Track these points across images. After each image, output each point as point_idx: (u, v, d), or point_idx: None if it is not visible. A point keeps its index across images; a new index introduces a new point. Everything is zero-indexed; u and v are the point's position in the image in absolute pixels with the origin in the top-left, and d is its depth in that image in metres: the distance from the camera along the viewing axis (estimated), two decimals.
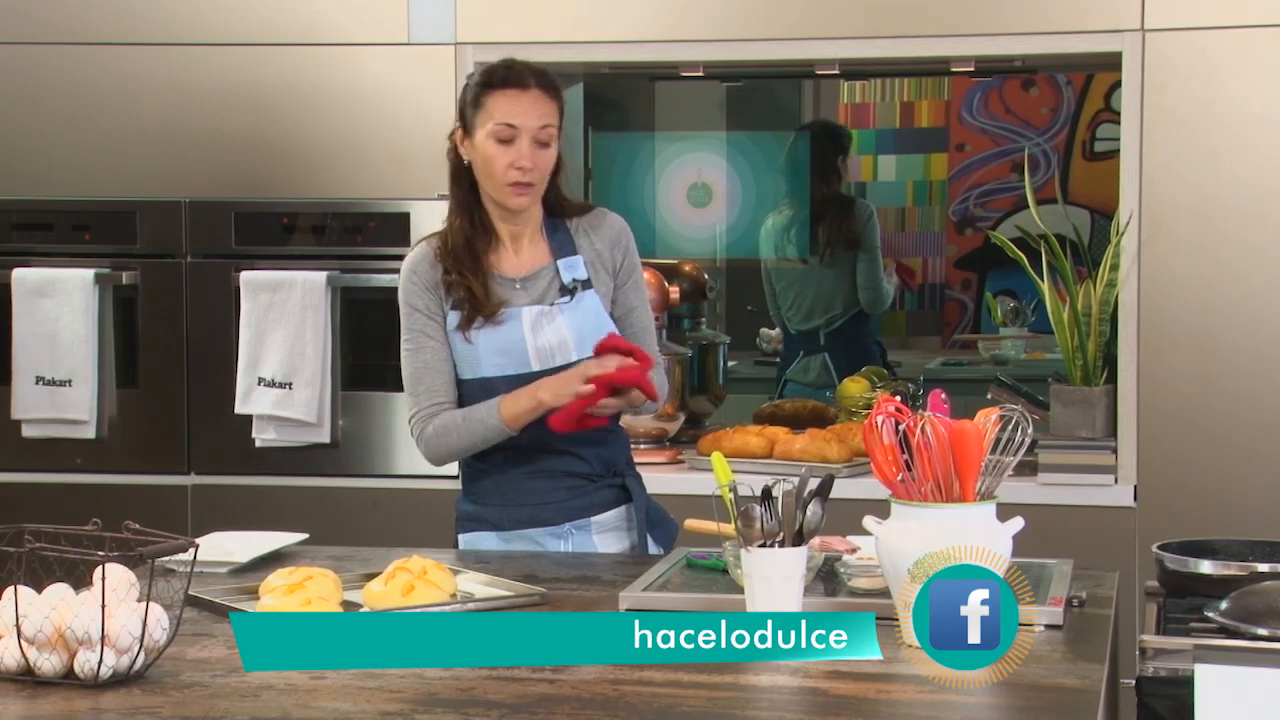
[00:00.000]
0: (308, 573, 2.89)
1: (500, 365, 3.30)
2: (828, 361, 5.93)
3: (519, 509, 3.36)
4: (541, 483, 3.35)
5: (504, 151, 3.26)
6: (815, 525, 2.62)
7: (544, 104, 3.28)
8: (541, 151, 3.27)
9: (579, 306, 3.32)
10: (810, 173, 6.04)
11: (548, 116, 3.28)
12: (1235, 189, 4.23)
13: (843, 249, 5.92)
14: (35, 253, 4.73)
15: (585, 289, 3.34)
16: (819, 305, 5.99)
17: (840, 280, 5.96)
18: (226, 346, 4.63)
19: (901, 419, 2.61)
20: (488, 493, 3.39)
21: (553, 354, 3.30)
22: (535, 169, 3.26)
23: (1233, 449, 4.25)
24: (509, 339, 3.29)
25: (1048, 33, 4.34)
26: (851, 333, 6.01)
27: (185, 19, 4.66)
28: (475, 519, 3.41)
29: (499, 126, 3.26)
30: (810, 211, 5.99)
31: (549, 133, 3.27)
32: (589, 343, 3.30)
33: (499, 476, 3.37)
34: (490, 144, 3.27)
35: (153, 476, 4.68)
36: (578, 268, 3.35)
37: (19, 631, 2.41)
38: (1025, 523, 2.64)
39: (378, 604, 2.84)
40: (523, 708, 2.30)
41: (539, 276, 3.35)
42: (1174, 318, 4.27)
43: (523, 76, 3.28)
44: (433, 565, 2.93)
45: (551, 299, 3.33)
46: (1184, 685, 2.48)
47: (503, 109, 3.26)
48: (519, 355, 3.29)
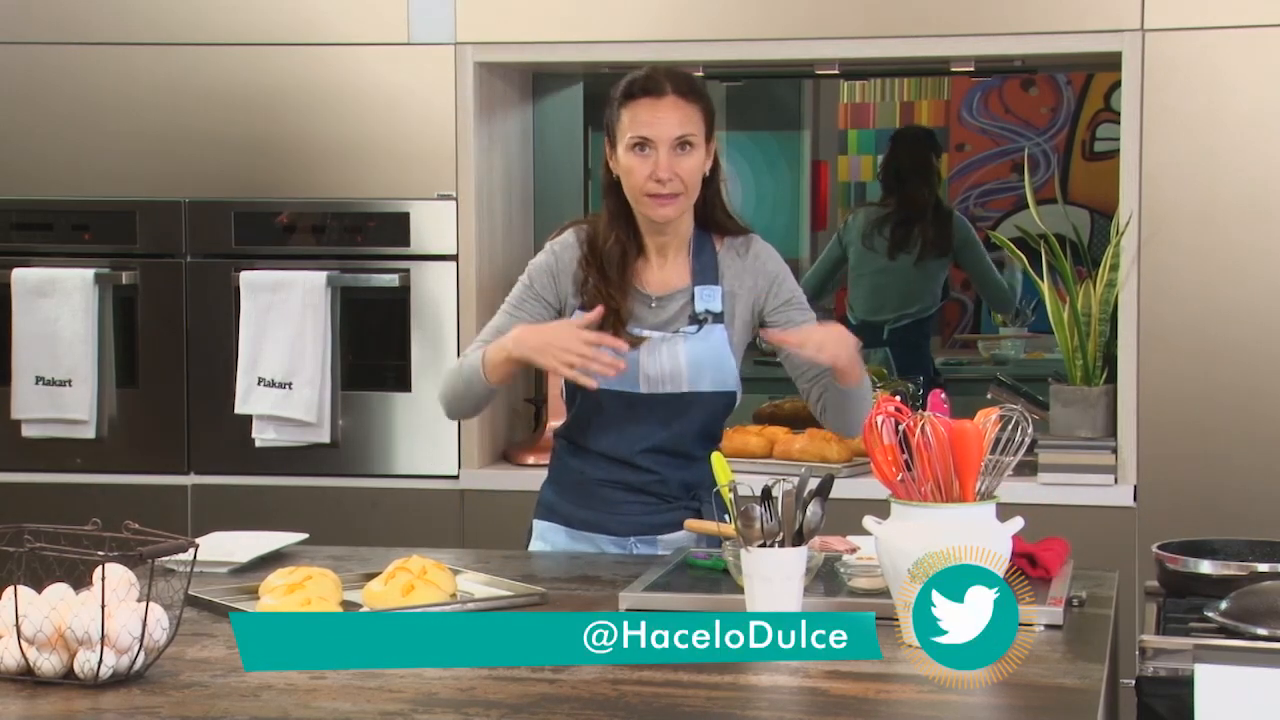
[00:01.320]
0: (307, 573, 2.89)
1: (611, 381, 3.21)
2: (889, 356, 5.93)
3: (589, 512, 3.35)
4: (618, 493, 3.33)
5: (641, 162, 3.19)
6: (815, 525, 2.62)
7: (681, 110, 3.19)
8: (682, 159, 3.19)
9: (704, 339, 3.27)
10: (905, 174, 6.01)
11: (686, 125, 3.19)
12: (1235, 189, 4.23)
13: (933, 254, 5.92)
14: (35, 253, 4.73)
15: (715, 322, 3.28)
16: (892, 301, 5.98)
17: (922, 282, 5.96)
18: (226, 346, 4.63)
19: (901, 419, 2.61)
20: (567, 488, 3.38)
21: (663, 381, 3.26)
22: (675, 178, 3.19)
23: (1233, 449, 4.25)
24: (625, 357, 3.21)
25: (1048, 33, 4.34)
26: (916, 333, 6.04)
27: (185, 19, 4.66)
28: (551, 509, 3.40)
29: (634, 139, 3.20)
30: (909, 212, 5.94)
31: (688, 140, 3.19)
32: (705, 376, 3.26)
33: (580, 477, 3.35)
34: (629, 156, 3.21)
35: (153, 476, 4.68)
36: (714, 299, 3.28)
37: (19, 631, 2.41)
38: (1025, 523, 2.64)
39: (378, 604, 2.84)
40: (523, 708, 2.30)
41: (674, 299, 3.29)
42: (1174, 318, 4.27)
43: (658, 84, 3.20)
44: (433, 565, 2.93)
45: (679, 325, 3.27)
46: (1184, 685, 2.48)
47: (637, 120, 3.20)
48: (629, 375, 3.23)
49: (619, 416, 3.28)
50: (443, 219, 4.56)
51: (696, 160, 3.21)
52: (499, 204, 4.74)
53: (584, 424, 3.34)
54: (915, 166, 5.99)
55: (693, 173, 3.22)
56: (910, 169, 5.98)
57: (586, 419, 3.33)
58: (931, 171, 6.05)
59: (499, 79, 4.72)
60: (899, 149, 6.11)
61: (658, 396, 3.26)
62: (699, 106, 3.23)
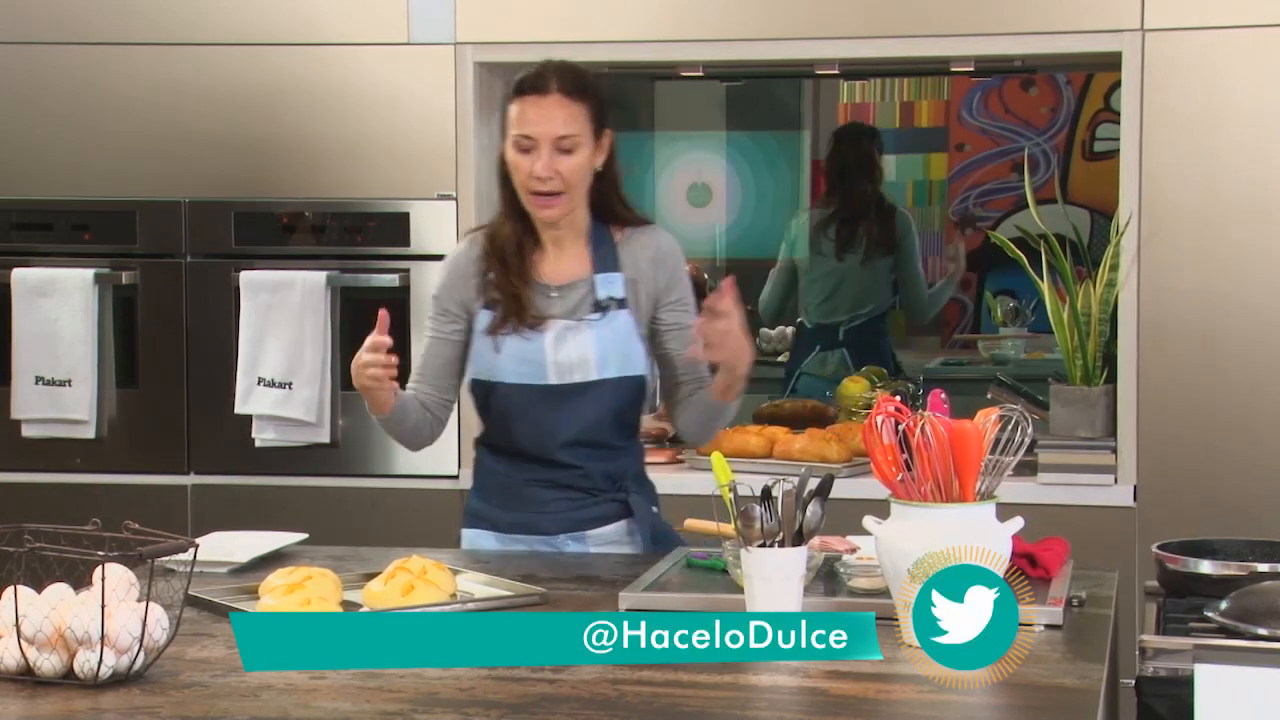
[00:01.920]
0: (307, 573, 2.89)
1: (519, 374, 3.29)
2: (847, 357, 5.96)
3: (517, 514, 3.36)
4: (543, 492, 3.34)
5: (524, 160, 3.23)
6: (815, 525, 2.62)
7: (565, 110, 3.21)
8: (563, 159, 3.21)
9: (608, 325, 3.29)
10: (848, 171, 6.03)
11: (570, 124, 3.21)
12: (1235, 189, 4.23)
13: (880, 252, 5.94)
14: (35, 253, 4.73)
15: (619, 308, 3.30)
16: (845, 302, 6.01)
17: (871, 281, 5.98)
18: (226, 346, 4.63)
19: (901, 419, 2.61)
20: (493, 493, 3.40)
21: (571, 370, 3.28)
22: (555, 177, 3.22)
23: (1233, 449, 4.25)
24: (530, 349, 3.27)
25: (1047, 33, 4.34)
26: (871, 331, 6.06)
27: (185, 19, 4.66)
28: (478, 516, 3.42)
29: (517, 136, 3.23)
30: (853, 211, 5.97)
31: (572, 141, 3.21)
32: (612, 363, 3.28)
33: (505, 480, 3.37)
34: (514, 153, 3.25)
35: (153, 476, 4.68)
36: (615, 286, 3.31)
37: (19, 631, 2.41)
38: (1025, 523, 2.64)
39: (378, 604, 2.84)
40: (523, 708, 2.30)
41: (575, 288, 3.31)
42: (1174, 317, 4.27)
43: (545, 81, 3.23)
44: (433, 565, 2.93)
45: (583, 313, 3.29)
46: (1184, 685, 2.48)
47: (523, 117, 3.23)
48: (538, 367, 3.28)
49: (533, 411, 3.30)
50: (443, 219, 4.56)
51: (580, 159, 3.23)
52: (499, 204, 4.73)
53: (500, 424, 3.35)
54: (858, 163, 6.02)
55: (575, 172, 3.23)
56: (854, 166, 6.01)
57: (502, 419, 3.34)
58: (874, 168, 6.07)
59: (499, 79, 4.71)
60: (842, 146, 6.13)
61: (568, 386, 3.28)
62: (585, 105, 3.23)
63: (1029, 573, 2.79)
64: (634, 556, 3.29)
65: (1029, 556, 2.88)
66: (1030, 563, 2.87)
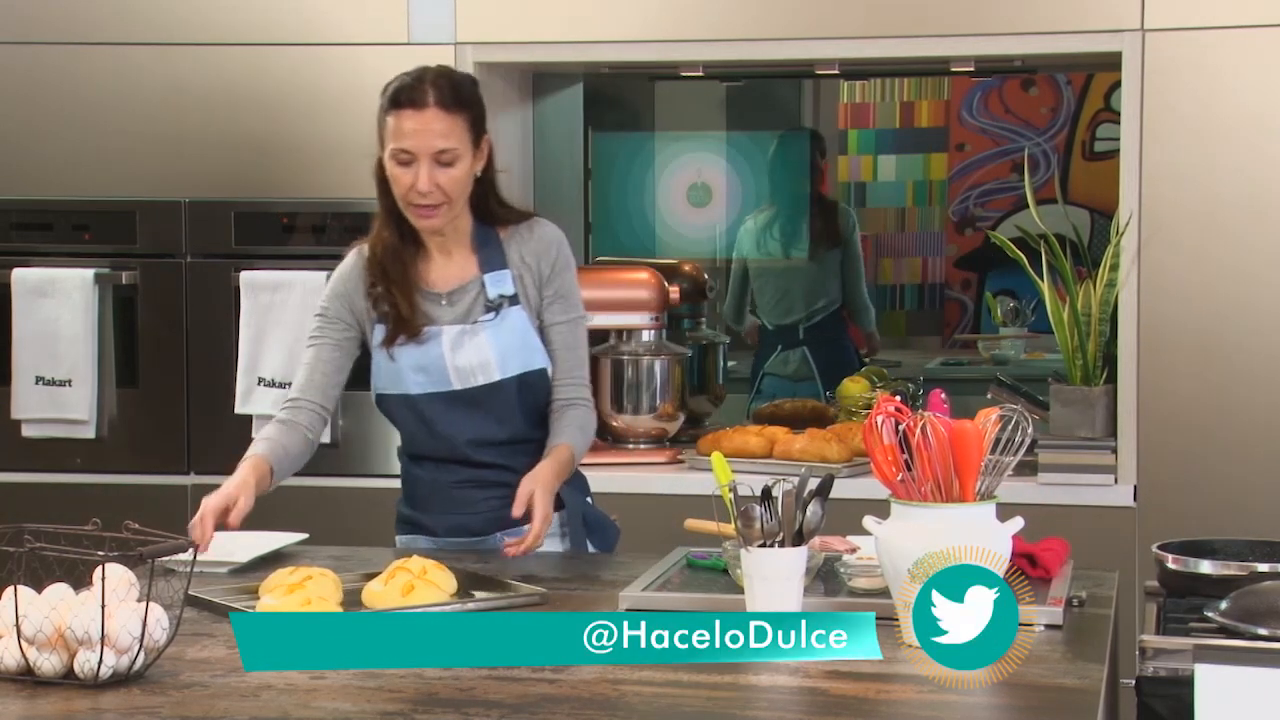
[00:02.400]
0: (308, 573, 2.89)
1: (421, 383, 3.28)
2: (807, 355, 6.03)
3: (449, 516, 3.36)
4: (471, 492, 3.34)
5: (403, 173, 3.19)
6: (815, 525, 2.62)
7: (443, 122, 3.17)
8: (443, 172, 3.18)
9: (503, 324, 3.28)
10: (793, 174, 6.18)
11: (449, 137, 3.17)
12: (1235, 189, 4.23)
13: (825, 245, 6.07)
14: (35, 252, 4.73)
15: (512, 305, 3.29)
16: (799, 301, 6.09)
17: (823, 277, 6.07)
18: (226, 346, 4.63)
19: (901, 419, 2.61)
20: (421, 499, 3.40)
21: (473, 373, 3.27)
22: (436, 191, 3.18)
23: (1233, 449, 4.25)
24: (429, 357, 3.26)
25: (1048, 33, 4.34)
26: (830, 327, 6.17)
27: (185, 19, 4.66)
28: (411, 522, 3.42)
29: (395, 150, 3.19)
30: (794, 210, 6.12)
31: (452, 154, 3.17)
32: (513, 361, 3.27)
33: (431, 484, 3.37)
34: (392, 165, 3.21)
35: (153, 476, 4.68)
36: (504, 283, 3.29)
37: (19, 631, 2.41)
38: (1025, 523, 2.64)
39: (378, 604, 2.84)
40: (523, 708, 2.30)
41: (465, 291, 3.30)
42: (1174, 317, 4.27)
43: (421, 94, 3.17)
44: (433, 565, 2.93)
45: (476, 315, 3.28)
46: (1184, 685, 2.48)
47: (400, 130, 3.18)
48: (439, 373, 3.27)
49: (443, 418, 3.29)
50: None
51: (460, 171, 3.20)
52: None
53: (415, 434, 3.36)
54: (797, 165, 6.15)
55: (455, 184, 3.20)
56: (795, 168, 6.14)
57: (415, 429, 3.35)
58: (814, 169, 6.28)
59: (499, 79, 4.72)
60: (784, 150, 6.33)
61: (473, 390, 3.27)
62: (463, 116, 3.19)
63: (1029, 573, 2.79)
64: (634, 556, 3.29)
65: (1029, 556, 2.88)
66: (1030, 563, 2.87)
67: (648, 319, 4.67)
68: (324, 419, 3.36)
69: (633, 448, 4.67)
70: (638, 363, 4.66)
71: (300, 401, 3.33)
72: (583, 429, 3.32)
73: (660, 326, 4.70)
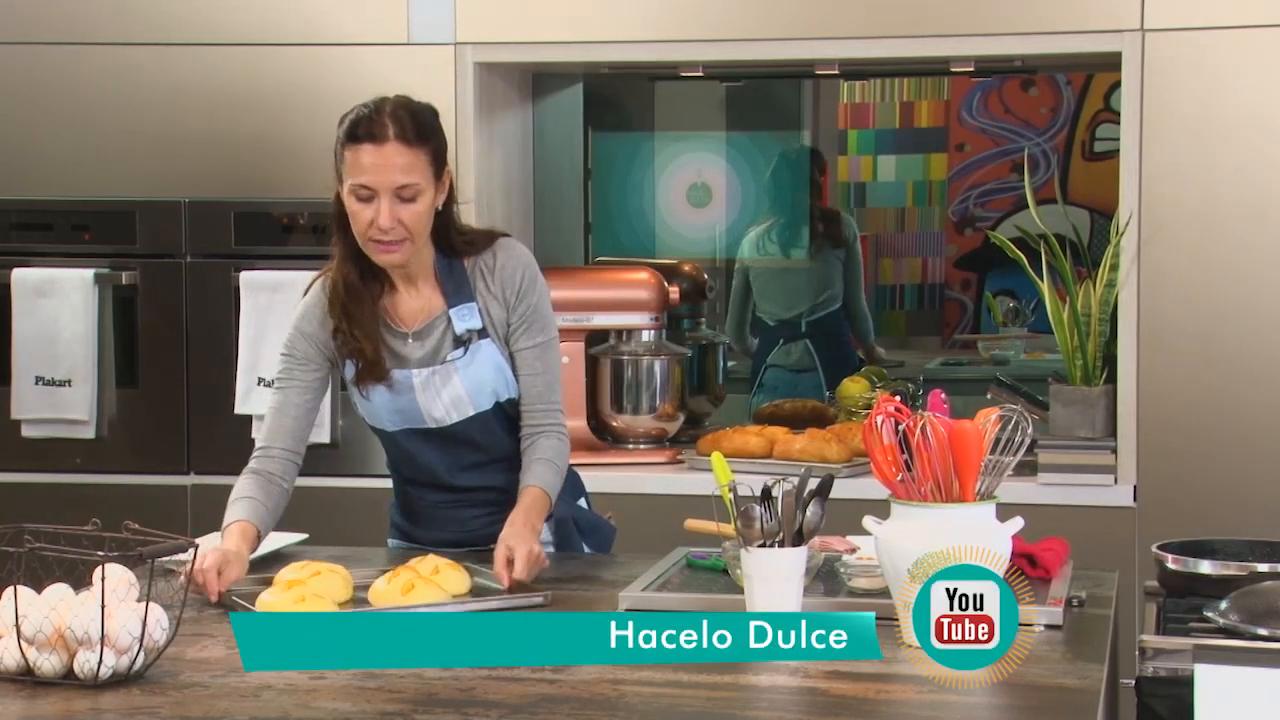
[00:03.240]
0: (316, 568, 2.90)
1: (397, 421, 3.25)
2: (809, 347, 6.06)
3: (441, 531, 3.34)
4: (459, 511, 3.32)
5: (364, 209, 3.08)
6: (815, 525, 2.62)
7: (404, 157, 3.07)
8: (405, 208, 3.07)
9: (473, 361, 3.21)
10: (792, 187, 6.23)
11: (410, 173, 3.07)
12: (1235, 189, 4.23)
13: (828, 245, 6.11)
14: (35, 253, 4.73)
15: (481, 338, 3.22)
16: (801, 297, 6.13)
17: (825, 275, 6.10)
18: (226, 346, 4.63)
19: (901, 419, 2.61)
20: (414, 516, 3.39)
21: (448, 412, 3.23)
22: (397, 226, 3.08)
23: (1233, 449, 4.25)
24: (402, 401, 3.22)
25: (1048, 33, 4.34)
26: (832, 321, 6.23)
27: (185, 19, 4.66)
28: (404, 532, 3.42)
29: (355, 186, 3.08)
30: (794, 221, 6.17)
31: (413, 190, 3.07)
32: (486, 396, 3.23)
33: (421, 504, 3.36)
34: (352, 201, 3.10)
35: (153, 476, 4.68)
36: (471, 316, 3.21)
37: (19, 631, 2.41)
38: (1025, 523, 2.64)
39: (378, 602, 2.85)
40: (523, 708, 2.30)
41: (432, 329, 3.23)
42: (1173, 318, 4.26)
43: (381, 129, 3.08)
44: (446, 564, 2.94)
45: (445, 354, 3.21)
46: (1184, 685, 2.48)
47: (359, 165, 3.07)
48: (414, 415, 3.23)
49: (423, 450, 3.27)
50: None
51: (422, 206, 3.10)
52: (499, 204, 4.73)
53: (399, 463, 3.35)
54: (796, 181, 6.19)
55: (417, 219, 3.10)
56: (793, 183, 6.20)
57: (397, 458, 3.33)
58: (812, 185, 6.36)
59: (499, 79, 4.72)
60: (784, 166, 6.43)
61: (450, 427, 3.24)
62: (424, 149, 3.10)
63: (1029, 573, 2.79)
64: (634, 556, 3.29)
65: (1029, 556, 2.88)
66: (1030, 563, 2.87)
67: (648, 319, 4.67)
68: (296, 465, 3.26)
69: (632, 448, 4.67)
70: (637, 363, 4.66)
71: (272, 450, 3.24)
72: (554, 460, 3.24)
73: (660, 326, 4.71)
